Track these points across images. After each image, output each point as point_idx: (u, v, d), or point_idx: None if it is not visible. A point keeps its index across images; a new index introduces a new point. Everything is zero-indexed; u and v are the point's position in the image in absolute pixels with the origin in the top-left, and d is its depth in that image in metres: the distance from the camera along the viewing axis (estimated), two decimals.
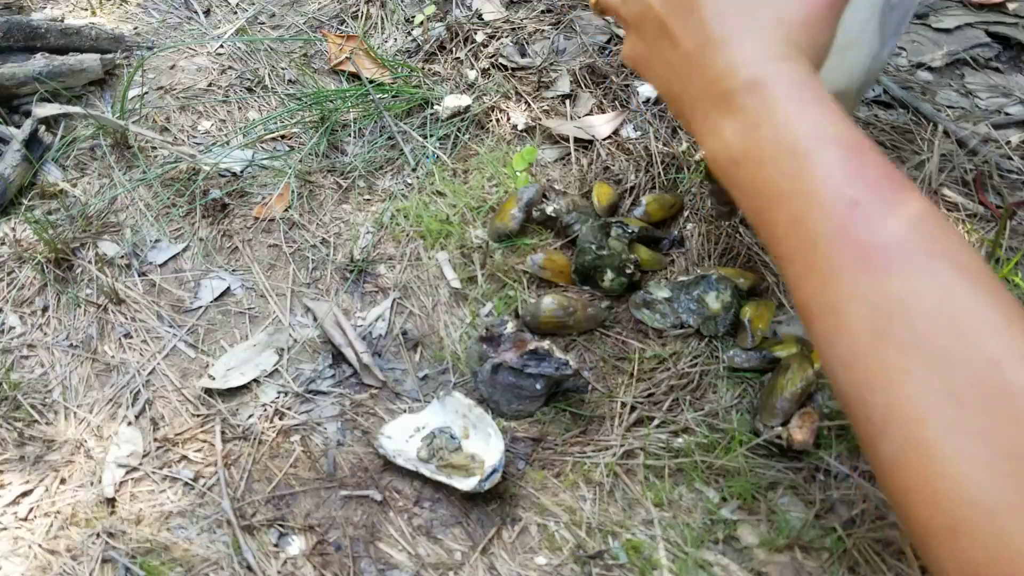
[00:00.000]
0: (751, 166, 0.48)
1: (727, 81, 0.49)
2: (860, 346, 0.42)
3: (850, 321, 0.43)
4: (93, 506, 0.85)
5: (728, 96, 0.49)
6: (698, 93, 0.51)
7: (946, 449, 0.38)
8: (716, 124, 0.50)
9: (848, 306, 0.43)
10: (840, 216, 0.43)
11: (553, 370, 0.89)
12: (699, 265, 1.01)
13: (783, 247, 0.47)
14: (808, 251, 0.45)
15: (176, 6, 1.42)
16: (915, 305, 0.41)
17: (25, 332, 1.00)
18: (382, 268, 1.04)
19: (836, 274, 0.43)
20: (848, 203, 0.43)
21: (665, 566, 0.77)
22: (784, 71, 0.48)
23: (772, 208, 0.47)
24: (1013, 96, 1.18)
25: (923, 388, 0.39)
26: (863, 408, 0.42)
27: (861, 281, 0.42)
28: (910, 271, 0.41)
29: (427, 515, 0.83)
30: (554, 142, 1.17)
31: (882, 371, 0.41)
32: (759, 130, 0.47)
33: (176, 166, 1.15)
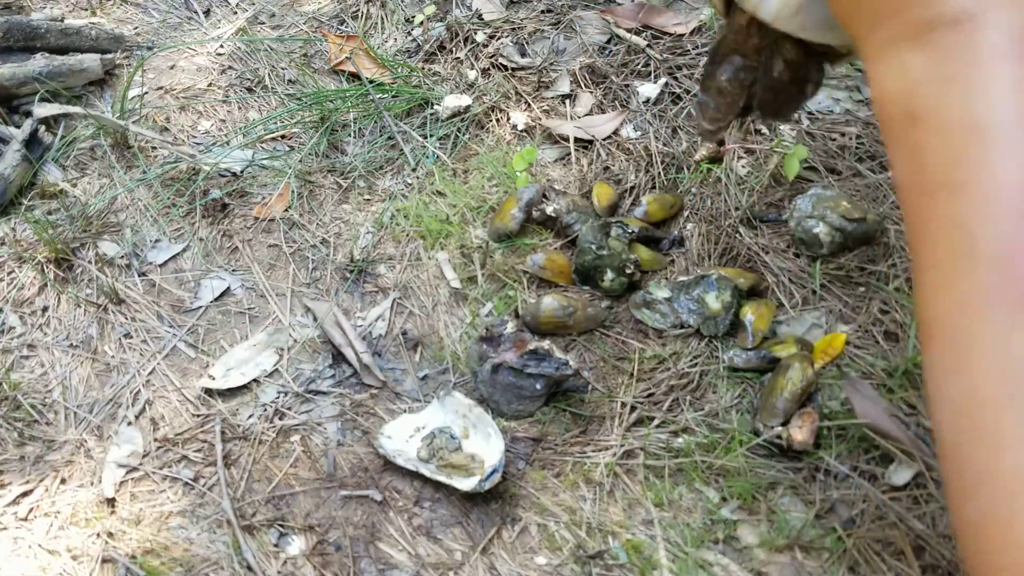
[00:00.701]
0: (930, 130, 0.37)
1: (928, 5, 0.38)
2: (979, 397, 0.36)
3: (977, 365, 0.36)
4: (93, 506, 0.85)
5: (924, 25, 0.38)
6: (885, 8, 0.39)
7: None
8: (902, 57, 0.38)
9: (983, 347, 0.35)
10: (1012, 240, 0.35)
11: (553, 370, 0.89)
12: (699, 265, 1.01)
13: (930, 248, 0.38)
14: (960, 266, 0.36)
15: (176, 6, 1.42)
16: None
17: (25, 332, 1.00)
18: (382, 268, 1.04)
19: (983, 307, 0.35)
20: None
21: (665, 566, 0.77)
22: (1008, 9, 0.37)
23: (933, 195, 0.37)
24: None
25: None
26: (958, 458, 0.37)
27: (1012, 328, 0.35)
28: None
29: (427, 515, 0.83)
30: (554, 142, 1.17)
31: (994, 433, 0.35)
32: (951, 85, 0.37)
33: (176, 166, 1.15)
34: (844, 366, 0.90)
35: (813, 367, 0.88)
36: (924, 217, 0.38)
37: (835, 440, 0.84)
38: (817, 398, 0.87)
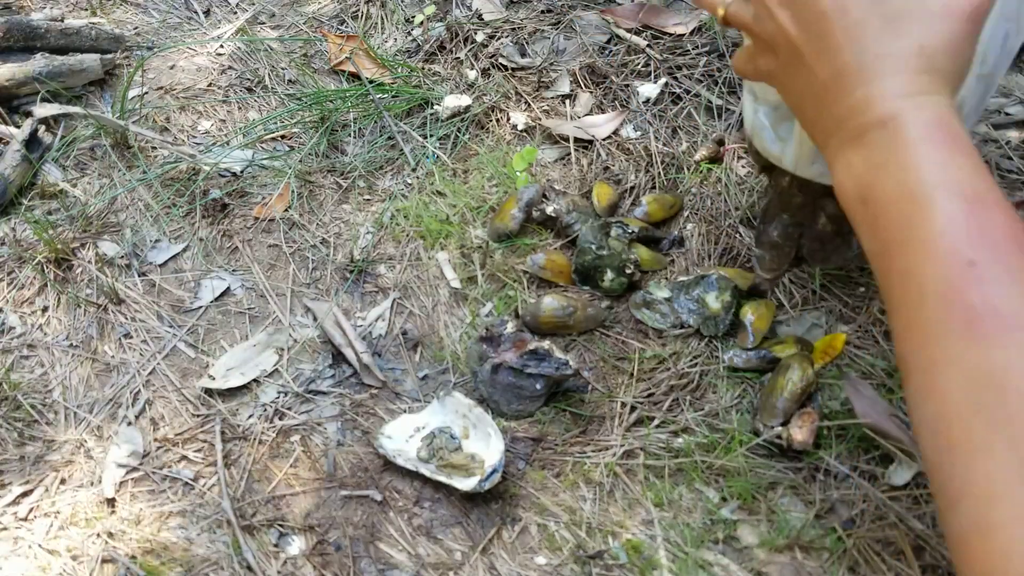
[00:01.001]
0: (876, 206, 0.45)
1: (861, 115, 0.47)
2: (949, 413, 0.40)
3: (944, 385, 0.41)
4: (93, 506, 0.85)
5: (861, 130, 0.47)
6: (832, 122, 0.49)
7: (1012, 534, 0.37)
8: (847, 156, 0.47)
9: (945, 370, 0.41)
10: (953, 276, 0.41)
11: (553, 370, 0.89)
12: (699, 265, 1.01)
13: (893, 297, 0.45)
14: (916, 306, 0.43)
15: (176, 6, 1.42)
16: (1013, 381, 0.39)
17: (25, 332, 1.00)
18: (382, 268, 1.04)
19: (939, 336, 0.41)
20: (964, 263, 0.41)
21: (665, 566, 0.77)
22: (921, 107, 0.45)
23: (888, 254, 0.45)
24: (1013, 96, 1.18)
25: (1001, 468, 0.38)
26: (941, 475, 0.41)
27: (963, 347, 0.40)
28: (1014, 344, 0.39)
29: (427, 515, 0.83)
30: (554, 142, 1.17)
31: (966, 443, 0.39)
32: (885, 169, 0.45)
33: (176, 166, 1.15)
34: (844, 366, 0.90)
35: (813, 367, 0.88)
36: (886, 272, 0.46)
37: (835, 440, 0.84)
38: (817, 398, 0.87)
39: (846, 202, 0.48)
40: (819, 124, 0.50)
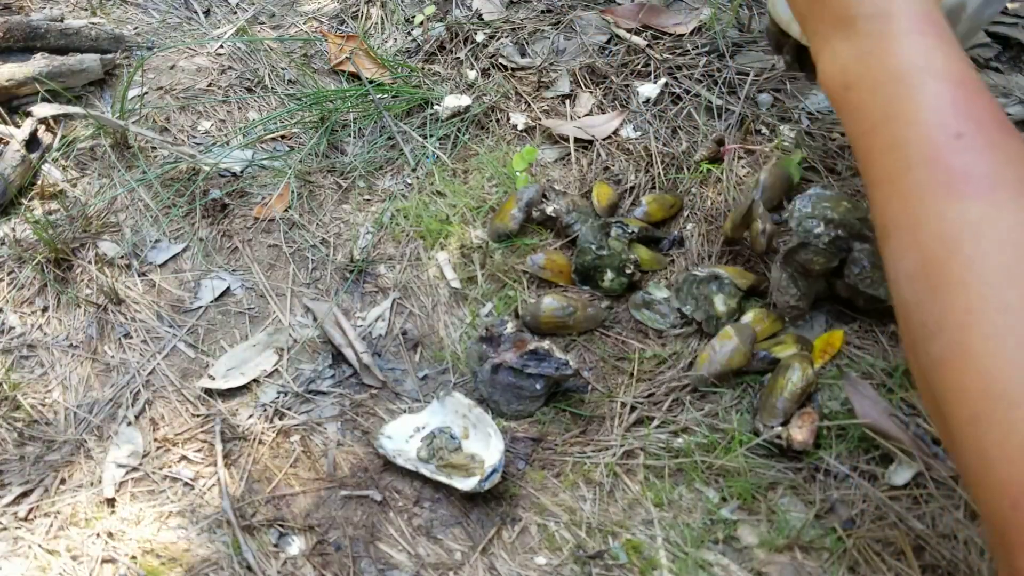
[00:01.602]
0: (862, 91, 0.48)
1: (851, 6, 0.49)
2: (928, 258, 0.44)
3: (923, 237, 0.44)
4: (93, 506, 0.85)
5: (851, 21, 0.49)
6: (823, 13, 0.51)
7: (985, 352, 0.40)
8: (835, 46, 0.50)
9: (925, 224, 0.44)
10: (940, 143, 0.44)
11: (553, 370, 0.89)
12: (699, 265, 1.01)
13: (876, 170, 0.47)
14: (901, 174, 0.46)
15: (176, 6, 1.42)
16: (989, 230, 0.42)
17: (25, 332, 1.00)
18: (382, 268, 1.04)
19: (922, 196, 0.44)
20: (951, 133, 0.44)
21: (665, 566, 0.77)
22: (908, 2, 0.48)
23: (874, 131, 0.47)
24: (1013, 96, 1.18)
25: (977, 298, 0.41)
26: (919, 313, 0.44)
27: (944, 203, 0.44)
28: (993, 202, 0.43)
29: (427, 515, 0.83)
30: (554, 142, 1.17)
31: (944, 283, 0.43)
32: (873, 57, 0.48)
33: (176, 166, 1.15)
34: (844, 366, 0.90)
35: (813, 367, 0.88)
36: (868, 150, 0.48)
37: (835, 440, 0.84)
38: (817, 398, 0.87)
39: (831, 89, 0.51)
40: (810, 15, 0.53)
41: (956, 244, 0.43)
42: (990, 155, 0.44)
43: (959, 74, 0.46)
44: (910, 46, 0.47)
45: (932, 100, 0.46)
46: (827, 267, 0.90)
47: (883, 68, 0.48)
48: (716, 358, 0.90)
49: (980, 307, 0.41)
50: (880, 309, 0.92)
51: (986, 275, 0.42)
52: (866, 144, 0.49)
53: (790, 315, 0.93)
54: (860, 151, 0.50)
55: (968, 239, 0.43)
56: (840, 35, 0.50)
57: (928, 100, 0.46)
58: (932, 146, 0.45)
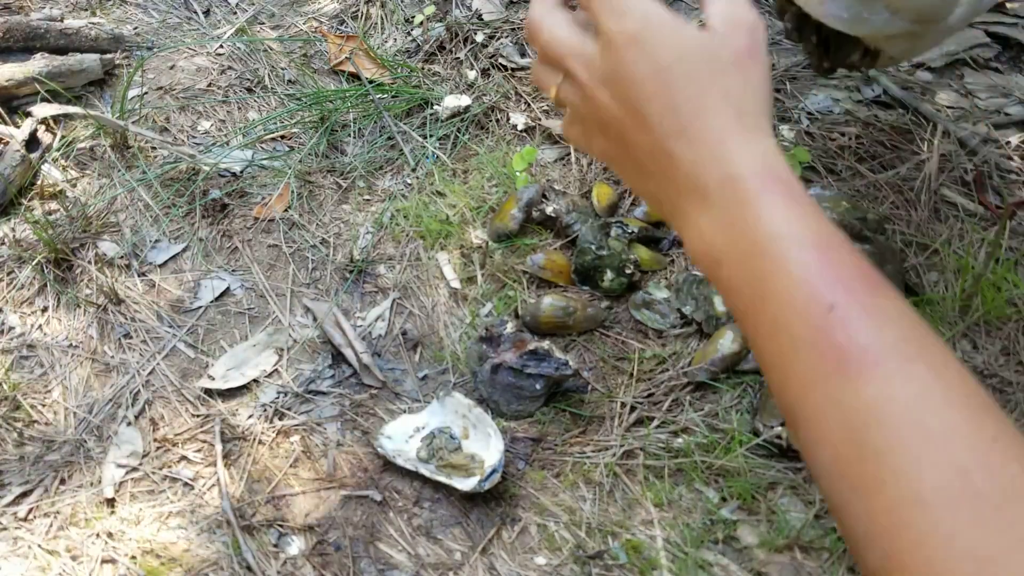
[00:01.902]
0: (732, 267, 0.47)
1: (699, 177, 0.48)
2: (840, 455, 0.42)
3: (830, 430, 0.42)
4: (93, 506, 0.85)
5: (703, 191, 0.48)
6: (673, 190, 0.50)
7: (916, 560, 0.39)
8: (697, 222, 0.49)
9: (827, 414, 0.43)
10: (817, 321, 0.43)
11: (553, 370, 0.89)
12: None
13: (766, 353, 0.46)
14: (789, 358, 0.44)
15: (176, 6, 1.42)
16: (888, 411, 0.41)
17: (25, 332, 1.00)
18: (382, 268, 1.04)
19: (815, 382, 0.43)
20: (825, 307, 0.43)
21: (665, 566, 0.77)
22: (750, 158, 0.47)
23: (755, 312, 0.46)
24: (1012, 96, 1.18)
25: (895, 498, 0.40)
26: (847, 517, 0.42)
27: (838, 388, 0.42)
28: (884, 376, 0.41)
29: (427, 515, 0.83)
30: (554, 142, 1.17)
31: (860, 481, 0.41)
32: (735, 228, 0.47)
33: (176, 166, 1.15)
34: None
35: None
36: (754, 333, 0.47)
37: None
38: None
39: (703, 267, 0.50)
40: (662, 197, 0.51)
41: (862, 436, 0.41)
42: (867, 322, 0.43)
43: (821, 237, 0.45)
44: (768, 212, 0.46)
45: (800, 272, 0.44)
46: None
47: (747, 240, 0.46)
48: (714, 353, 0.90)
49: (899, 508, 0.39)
50: None
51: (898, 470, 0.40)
52: (750, 326, 0.47)
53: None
54: (746, 331, 0.49)
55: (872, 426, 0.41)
56: (698, 209, 0.48)
57: (796, 273, 0.44)
58: (810, 326, 0.43)
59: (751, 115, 0.49)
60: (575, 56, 0.52)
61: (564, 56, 0.52)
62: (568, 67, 0.52)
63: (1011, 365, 0.89)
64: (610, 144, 0.53)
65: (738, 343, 0.90)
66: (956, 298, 0.93)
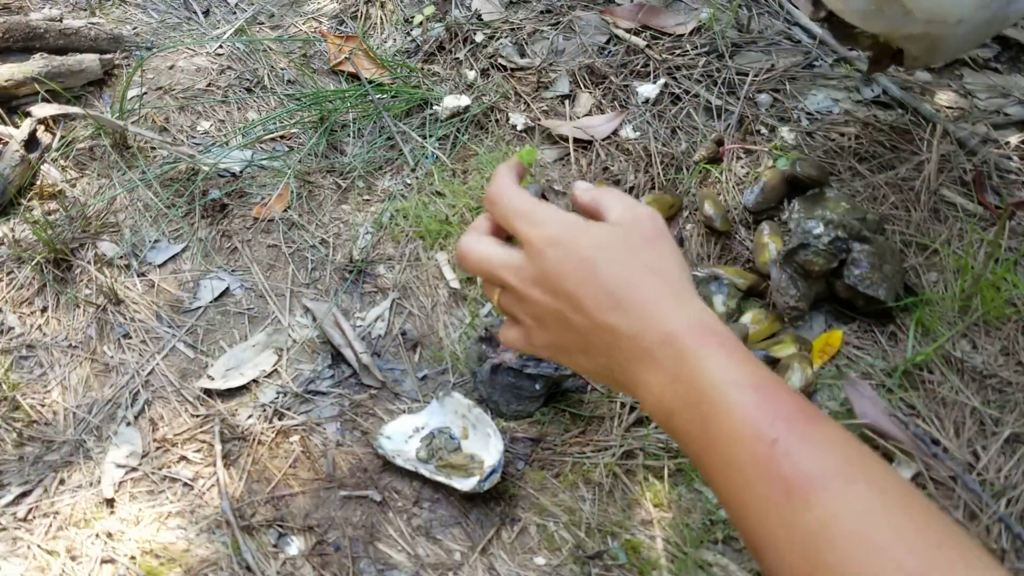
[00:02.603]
0: (682, 415, 0.51)
1: (641, 340, 0.52)
2: (798, 574, 0.45)
3: (789, 556, 0.45)
4: (92, 506, 0.85)
5: (646, 351, 0.52)
6: (621, 358, 0.53)
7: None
8: (647, 380, 0.52)
9: (783, 539, 0.46)
10: (763, 454, 0.47)
11: (552, 370, 0.89)
12: (698, 266, 1.01)
13: (722, 490, 0.50)
14: (743, 491, 0.48)
15: (175, 6, 1.42)
16: (836, 530, 0.44)
17: (24, 332, 0.99)
18: (381, 268, 1.04)
19: (768, 510, 0.46)
20: (768, 441, 0.47)
21: (664, 566, 0.77)
22: (684, 316, 0.51)
23: (707, 453, 0.50)
24: (1012, 96, 1.18)
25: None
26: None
27: (789, 513, 0.45)
28: (828, 497, 0.45)
29: (426, 515, 0.83)
30: (553, 142, 1.17)
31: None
32: (680, 381, 0.50)
33: (175, 166, 1.15)
34: (843, 366, 0.90)
35: (812, 367, 0.88)
36: (709, 472, 0.50)
37: None
38: (816, 398, 0.87)
39: (659, 420, 0.53)
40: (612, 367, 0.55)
41: (815, 555, 0.44)
42: (808, 450, 0.46)
43: (756, 379, 0.49)
44: (706, 363, 0.50)
45: (741, 412, 0.48)
46: (826, 268, 0.90)
47: (693, 390, 0.50)
48: None
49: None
50: (879, 310, 0.92)
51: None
52: (705, 466, 0.51)
53: (789, 315, 0.93)
54: (703, 472, 0.52)
55: (824, 545, 0.44)
56: (646, 369, 0.52)
57: (738, 413, 0.48)
58: (757, 460, 0.47)
59: (676, 280, 0.54)
60: (504, 268, 0.57)
61: (494, 270, 0.57)
62: (501, 278, 0.57)
63: (1011, 365, 0.89)
64: (552, 335, 0.57)
65: None
66: (955, 298, 0.93)
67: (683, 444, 0.53)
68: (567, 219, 0.56)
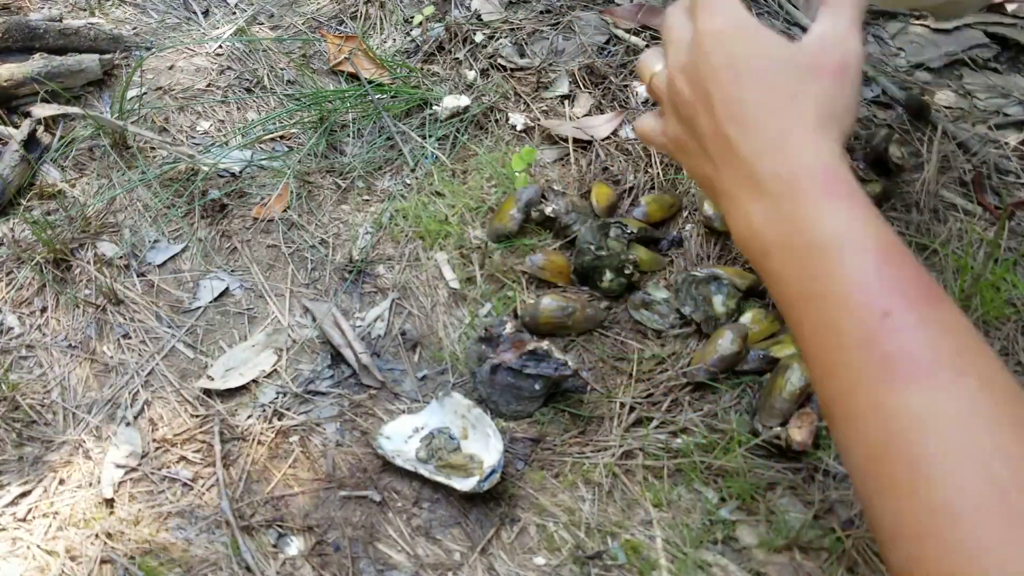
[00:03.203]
0: (781, 260, 0.47)
1: (754, 166, 0.48)
2: (874, 456, 0.42)
3: (868, 432, 0.42)
4: (92, 507, 0.85)
5: (756, 180, 0.48)
6: (728, 175, 0.50)
7: (941, 568, 0.39)
8: (746, 207, 0.49)
9: (868, 417, 0.42)
10: (870, 327, 0.43)
11: (552, 371, 0.89)
12: (698, 265, 1.02)
13: (809, 347, 0.46)
14: (834, 357, 0.44)
15: (175, 6, 1.42)
16: (932, 423, 0.40)
17: (24, 333, 0.99)
18: (381, 268, 1.04)
19: (859, 384, 0.43)
20: (879, 314, 0.42)
21: (664, 566, 0.78)
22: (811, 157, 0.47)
23: (802, 305, 0.46)
24: (1012, 97, 1.18)
25: (926, 508, 0.39)
26: (873, 514, 0.43)
27: (883, 393, 0.42)
28: (932, 387, 0.41)
29: (426, 515, 0.83)
30: (553, 142, 1.17)
31: (891, 485, 0.41)
32: (789, 223, 0.46)
33: (175, 166, 1.15)
34: None
35: None
36: (798, 325, 0.47)
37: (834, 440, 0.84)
38: (816, 398, 0.87)
39: (748, 254, 0.50)
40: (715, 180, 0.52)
41: (901, 443, 0.41)
42: (923, 333, 0.42)
43: (880, 242, 0.45)
44: (826, 212, 0.45)
45: (856, 275, 0.44)
46: None
47: (801, 237, 0.46)
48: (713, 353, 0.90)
49: (929, 518, 0.39)
50: None
51: (934, 479, 0.40)
52: (795, 318, 0.47)
53: None
54: (790, 322, 0.48)
55: (913, 434, 0.41)
56: (750, 198, 0.49)
57: (853, 276, 0.44)
58: (862, 330, 0.43)
59: (818, 120, 0.49)
60: (673, 41, 0.55)
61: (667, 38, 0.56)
62: (666, 50, 0.55)
63: (1010, 365, 0.89)
64: (680, 129, 0.55)
65: (737, 344, 0.90)
66: (955, 298, 0.93)
67: (773, 286, 0.48)
68: (742, 17, 0.51)
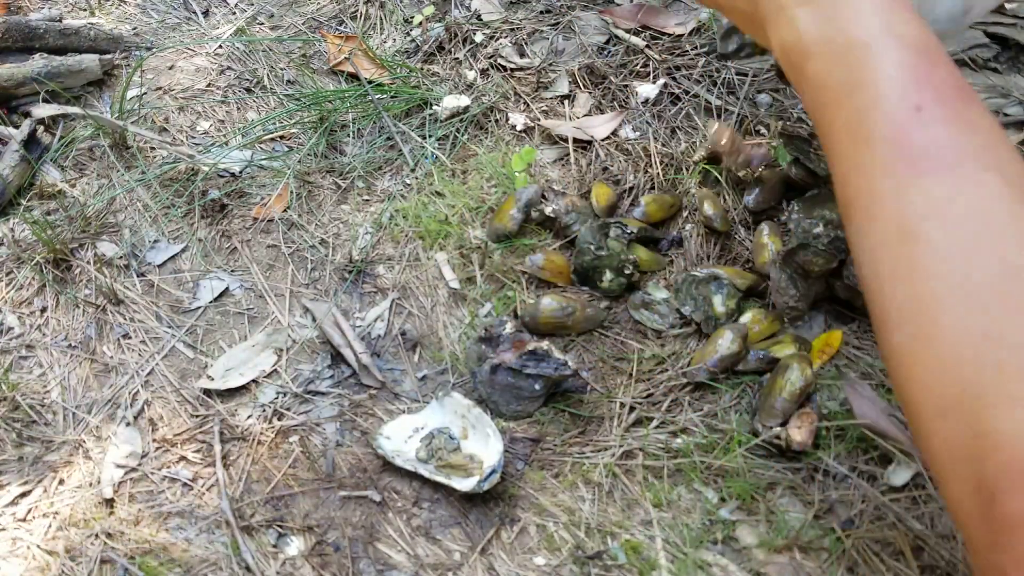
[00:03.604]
0: (823, 61, 0.47)
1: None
2: (890, 239, 0.43)
3: (885, 215, 0.43)
4: (92, 507, 0.85)
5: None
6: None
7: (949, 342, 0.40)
8: (792, 13, 0.49)
9: (888, 201, 0.43)
10: (901, 119, 0.43)
11: (552, 371, 0.89)
12: (698, 266, 1.02)
13: (839, 144, 0.46)
14: (863, 150, 0.44)
15: (175, 6, 1.42)
16: (951, 210, 0.41)
17: (24, 333, 0.99)
18: (381, 268, 1.04)
19: (884, 174, 0.43)
20: (912, 107, 0.43)
21: (664, 566, 0.77)
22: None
23: (836, 104, 0.46)
24: (1011, 97, 1.18)
25: (940, 287, 0.40)
26: (882, 299, 0.43)
27: (907, 181, 0.43)
28: (956, 178, 0.42)
29: (426, 515, 0.83)
30: (553, 143, 1.17)
31: (906, 267, 0.42)
32: (834, 23, 0.47)
33: (175, 166, 1.15)
34: (843, 366, 0.90)
35: (812, 367, 0.88)
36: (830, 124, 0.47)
37: (834, 440, 0.84)
38: (816, 398, 0.87)
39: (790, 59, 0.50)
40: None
41: (919, 227, 0.42)
42: (952, 127, 0.43)
43: (920, 41, 0.45)
44: (870, 11, 0.46)
45: (893, 71, 0.44)
46: (826, 268, 0.90)
47: (844, 35, 0.46)
48: (713, 353, 0.90)
49: (943, 296, 0.40)
50: None
51: (949, 260, 0.41)
52: (827, 118, 0.47)
53: (789, 316, 0.93)
54: (822, 126, 0.49)
55: (931, 221, 0.42)
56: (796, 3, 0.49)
57: (889, 71, 0.44)
58: (893, 121, 0.44)
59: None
60: None
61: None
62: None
63: None
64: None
65: (737, 344, 0.90)
66: None
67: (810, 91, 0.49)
68: None
